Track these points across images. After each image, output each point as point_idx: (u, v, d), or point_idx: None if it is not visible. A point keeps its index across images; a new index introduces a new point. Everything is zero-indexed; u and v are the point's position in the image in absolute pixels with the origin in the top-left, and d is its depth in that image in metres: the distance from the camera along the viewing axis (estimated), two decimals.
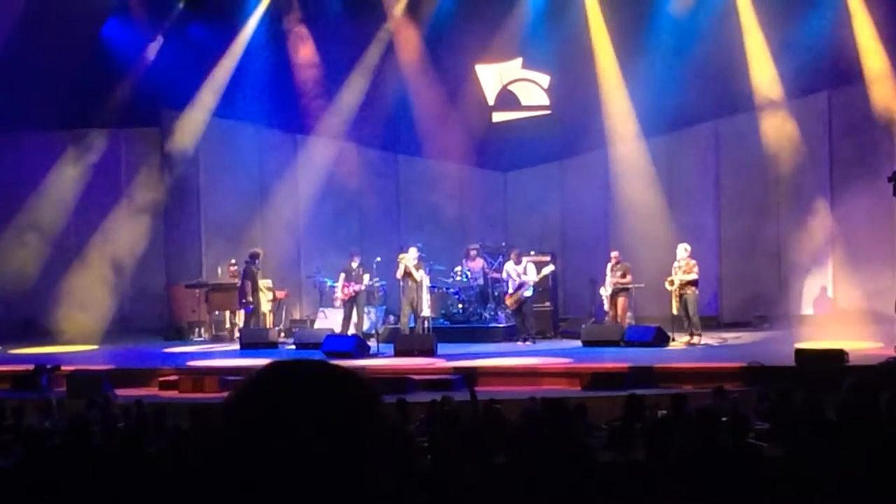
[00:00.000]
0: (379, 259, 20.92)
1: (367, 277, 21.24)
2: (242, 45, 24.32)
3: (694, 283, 19.61)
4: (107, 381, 16.55)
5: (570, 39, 23.01)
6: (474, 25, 23.56)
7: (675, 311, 19.71)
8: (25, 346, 21.78)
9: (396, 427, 9.68)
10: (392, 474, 1.90)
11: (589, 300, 22.09)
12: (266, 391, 1.93)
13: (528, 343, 20.36)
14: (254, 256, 22.22)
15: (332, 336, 20.14)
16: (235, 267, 22.82)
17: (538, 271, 20.69)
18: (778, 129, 22.02)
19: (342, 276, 21.32)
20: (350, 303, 21.27)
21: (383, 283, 21.74)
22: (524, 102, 24.23)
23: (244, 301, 21.95)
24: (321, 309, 22.60)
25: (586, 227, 23.60)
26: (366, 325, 21.50)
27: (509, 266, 20.80)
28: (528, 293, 20.60)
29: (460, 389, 15.91)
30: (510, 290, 20.73)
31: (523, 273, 20.59)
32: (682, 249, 19.80)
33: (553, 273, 21.24)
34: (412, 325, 20.75)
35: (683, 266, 19.63)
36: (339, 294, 21.40)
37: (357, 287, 21.16)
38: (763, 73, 21.96)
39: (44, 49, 22.57)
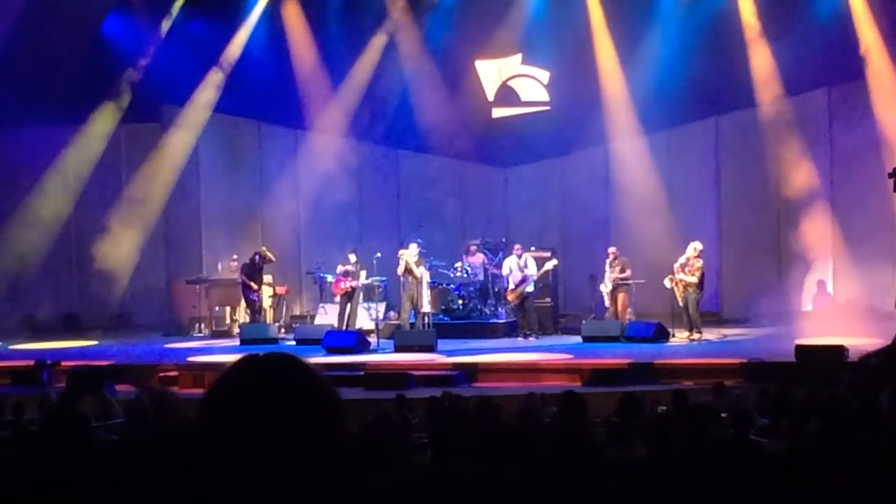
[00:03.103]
0: (379, 255, 20.90)
1: (363, 274, 21.21)
2: (243, 40, 24.33)
3: (696, 284, 19.45)
4: (107, 377, 16.53)
5: (570, 35, 23.02)
6: (474, 21, 23.58)
7: (680, 302, 19.57)
8: (25, 341, 21.78)
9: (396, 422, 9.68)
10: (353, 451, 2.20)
11: (589, 296, 22.08)
12: (238, 381, 2.20)
13: (530, 338, 20.35)
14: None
15: (332, 332, 20.13)
16: (237, 262, 22.87)
17: (539, 266, 20.67)
18: (778, 125, 22.03)
19: (339, 268, 21.32)
20: (346, 298, 21.27)
21: (384, 279, 21.74)
22: (524, 98, 24.24)
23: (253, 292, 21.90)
24: (321, 305, 22.61)
25: (586, 223, 23.61)
26: (359, 322, 21.48)
27: (510, 261, 20.78)
28: (529, 288, 20.59)
29: (461, 385, 15.94)
30: (510, 286, 20.70)
31: (524, 267, 20.58)
32: (692, 248, 19.53)
33: (553, 268, 21.21)
34: (412, 320, 20.75)
35: (689, 266, 19.46)
36: (338, 287, 21.40)
37: (354, 283, 21.14)
38: (763, 68, 21.95)
39: (45, 44, 22.57)
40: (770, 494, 6.15)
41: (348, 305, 21.31)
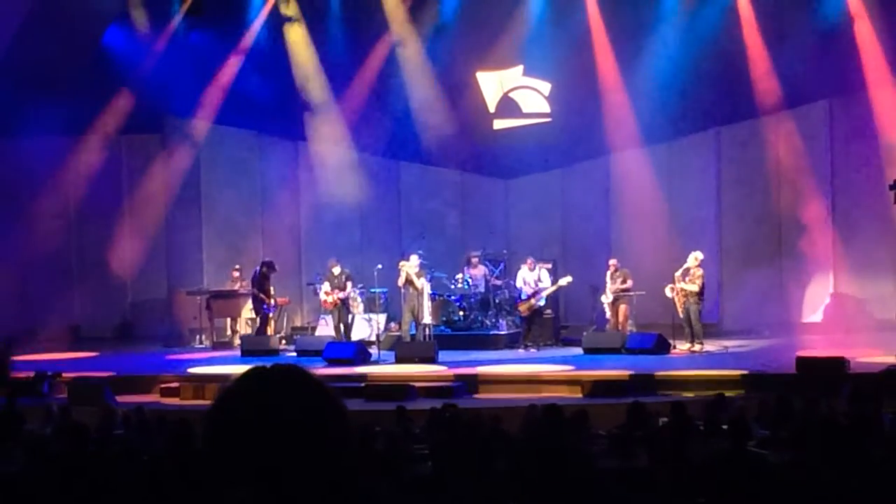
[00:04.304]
0: (380, 266, 20.88)
1: (349, 285, 21.19)
2: (243, 52, 24.36)
3: (697, 293, 19.42)
4: (108, 388, 16.54)
5: (571, 47, 23.04)
6: (475, 33, 23.60)
7: (681, 314, 19.55)
8: (26, 352, 21.74)
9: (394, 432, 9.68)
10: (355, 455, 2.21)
11: (590, 307, 22.07)
12: (246, 391, 2.20)
13: (531, 350, 20.34)
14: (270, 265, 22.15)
15: (332, 343, 20.12)
16: (239, 272, 22.90)
17: (553, 281, 20.67)
18: (779, 137, 22.05)
19: (326, 283, 21.32)
20: (336, 310, 21.25)
21: (385, 290, 21.73)
22: (525, 110, 24.26)
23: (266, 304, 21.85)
24: (322, 316, 22.58)
25: (587, 235, 23.62)
26: (358, 333, 21.45)
27: (524, 273, 20.74)
28: (541, 302, 20.60)
29: (462, 396, 15.94)
30: (523, 297, 20.69)
31: (538, 281, 20.57)
32: (693, 258, 19.49)
33: (555, 279, 21.16)
34: (413, 332, 20.74)
35: (689, 276, 19.43)
36: (323, 299, 21.39)
37: (340, 294, 21.10)
38: (764, 80, 21.97)
39: (46, 55, 22.59)
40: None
41: (341, 317, 21.26)
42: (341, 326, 21.19)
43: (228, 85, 24.22)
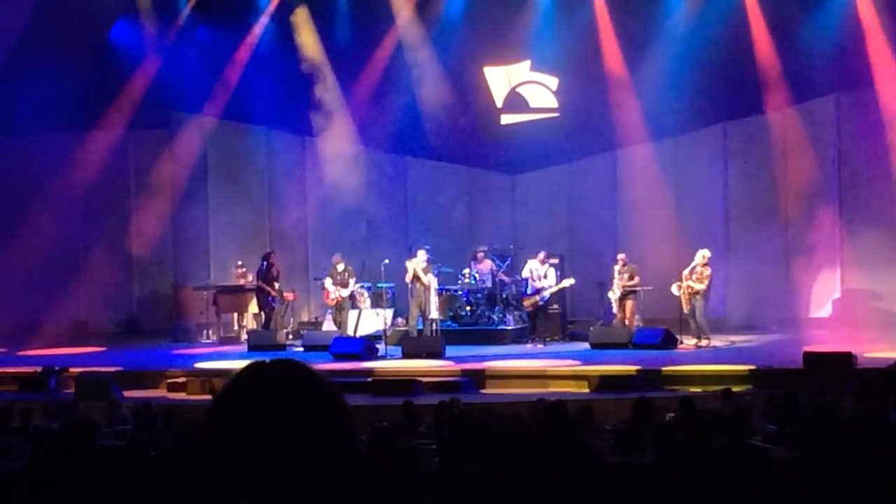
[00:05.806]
0: (387, 261, 20.91)
1: (352, 282, 21.21)
2: (251, 47, 24.36)
3: (703, 291, 19.44)
4: (115, 383, 16.56)
5: (578, 42, 23.01)
6: (482, 28, 23.57)
7: (685, 309, 19.57)
8: (33, 347, 21.79)
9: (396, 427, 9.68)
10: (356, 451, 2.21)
11: (597, 302, 22.05)
12: (244, 387, 2.21)
13: (538, 345, 20.34)
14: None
15: (339, 338, 20.14)
16: (243, 269, 22.92)
17: (558, 277, 20.68)
18: (786, 132, 22.01)
19: (328, 279, 21.34)
20: (337, 307, 21.27)
21: (391, 285, 21.73)
22: (532, 105, 24.21)
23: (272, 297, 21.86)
24: (329, 311, 22.59)
25: (594, 230, 23.58)
26: (363, 328, 21.47)
27: (533, 263, 20.73)
28: (545, 299, 20.63)
29: (468, 391, 15.95)
30: (529, 289, 20.71)
31: (543, 277, 20.56)
32: (700, 256, 19.51)
33: (561, 276, 21.15)
34: (420, 327, 20.74)
35: (697, 273, 19.44)
36: (328, 297, 21.43)
37: (342, 292, 21.11)
38: (771, 75, 21.93)
39: (53, 52, 22.61)
40: (775, 501, 6.13)
41: (341, 314, 21.29)
42: (347, 323, 21.22)
43: (236, 80, 24.22)
